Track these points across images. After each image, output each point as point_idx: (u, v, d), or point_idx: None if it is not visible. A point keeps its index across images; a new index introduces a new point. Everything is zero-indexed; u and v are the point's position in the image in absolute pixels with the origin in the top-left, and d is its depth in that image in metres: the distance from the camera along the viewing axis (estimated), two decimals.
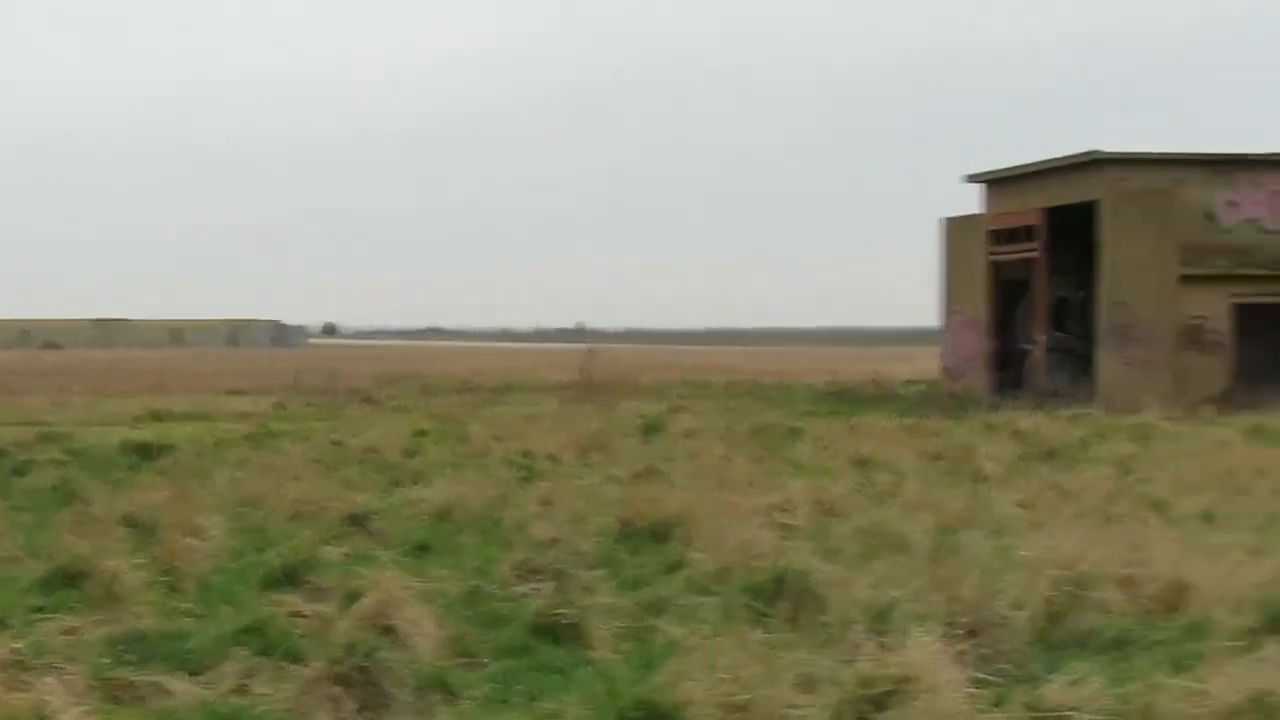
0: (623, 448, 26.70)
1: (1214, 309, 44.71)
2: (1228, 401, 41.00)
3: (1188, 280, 44.52)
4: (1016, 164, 50.94)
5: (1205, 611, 11.80)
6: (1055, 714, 9.08)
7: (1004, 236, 50.83)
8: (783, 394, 51.34)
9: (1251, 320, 44.65)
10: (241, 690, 9.84)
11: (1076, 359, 47.51)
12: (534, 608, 11.77)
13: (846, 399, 48.72)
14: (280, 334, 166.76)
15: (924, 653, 9.41)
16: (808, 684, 9.23)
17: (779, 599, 11.87)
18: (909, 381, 58.38)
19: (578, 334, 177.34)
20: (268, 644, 10.72)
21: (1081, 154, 46.53)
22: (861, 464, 23.81)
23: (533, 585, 12.94)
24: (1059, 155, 47.98)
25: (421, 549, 15.53)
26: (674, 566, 14.18)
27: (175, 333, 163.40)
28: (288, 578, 13.24)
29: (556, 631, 11.26)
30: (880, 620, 10.95)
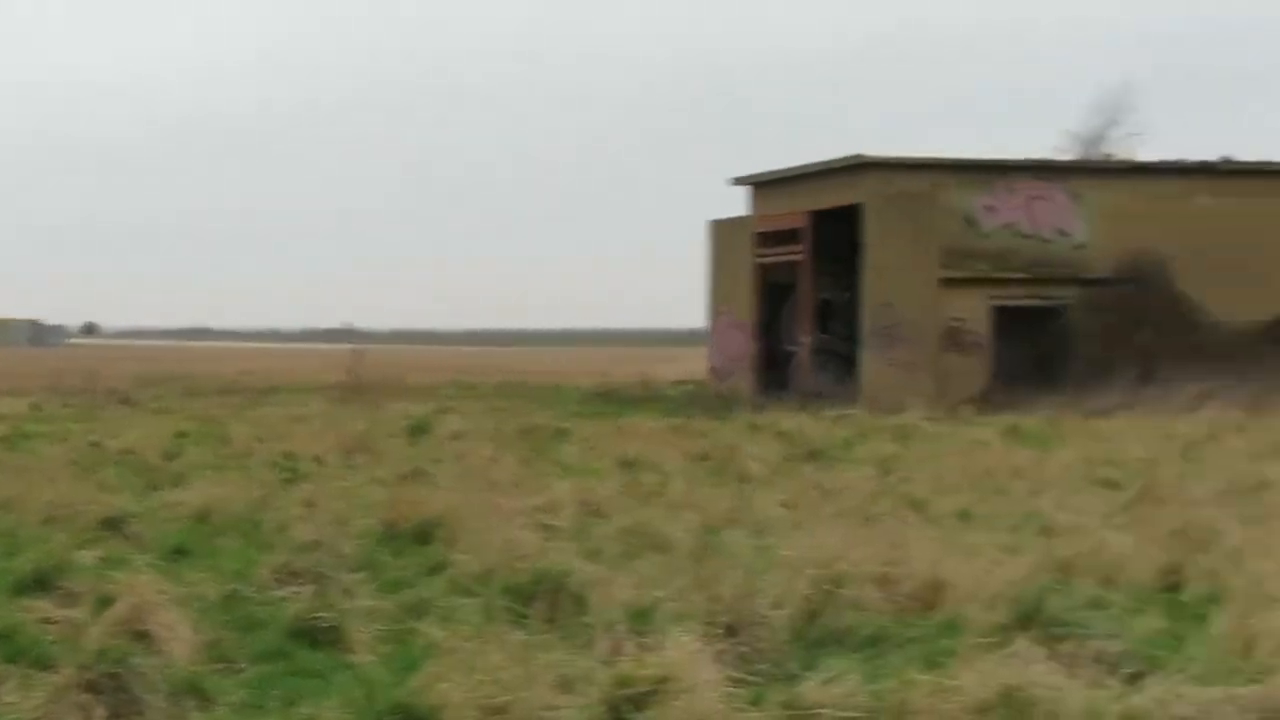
0: (388, 449, 26.50)
1: (973, 311, 45.64)
2: (986, 402, 41.83)
3: (948, 283, 45.39)
4: (783, 167, 51.45)
5: (960, 609, 11.99)
6: (810, 712, 9.18)
7: (770, 239, 51.30)
8: (551, 395, 51.33)
9: (1009, 322, 45.67)
10: None
11: (841, 360, 48.03)
12: (293, 611, 11.59)
13: (615, 400, 48.85)
14: (38, 334, 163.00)
15: (683, 652, 9.45)
16: (566, 685, 9.20)
17: (540, 600, 11.84)
18: (677, 382, 58.60)
19: (346, 335, 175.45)
20: (16, 651, 10.44)
21: (846, 158, 47.16)
22: (628, 465, 23.88)
23: (292, 588, 12.74)
24: (825, 159, 48.55)
25: (179, 552, 15.23)
26: (436, 568, 14.09)
27: None
28: (39, 583, 12.88)
29: (315, 635, 11.12)
30: (641, 620, 10.97)
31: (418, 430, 30.75)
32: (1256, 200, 47.29)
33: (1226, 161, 48.30)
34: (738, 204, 54.18)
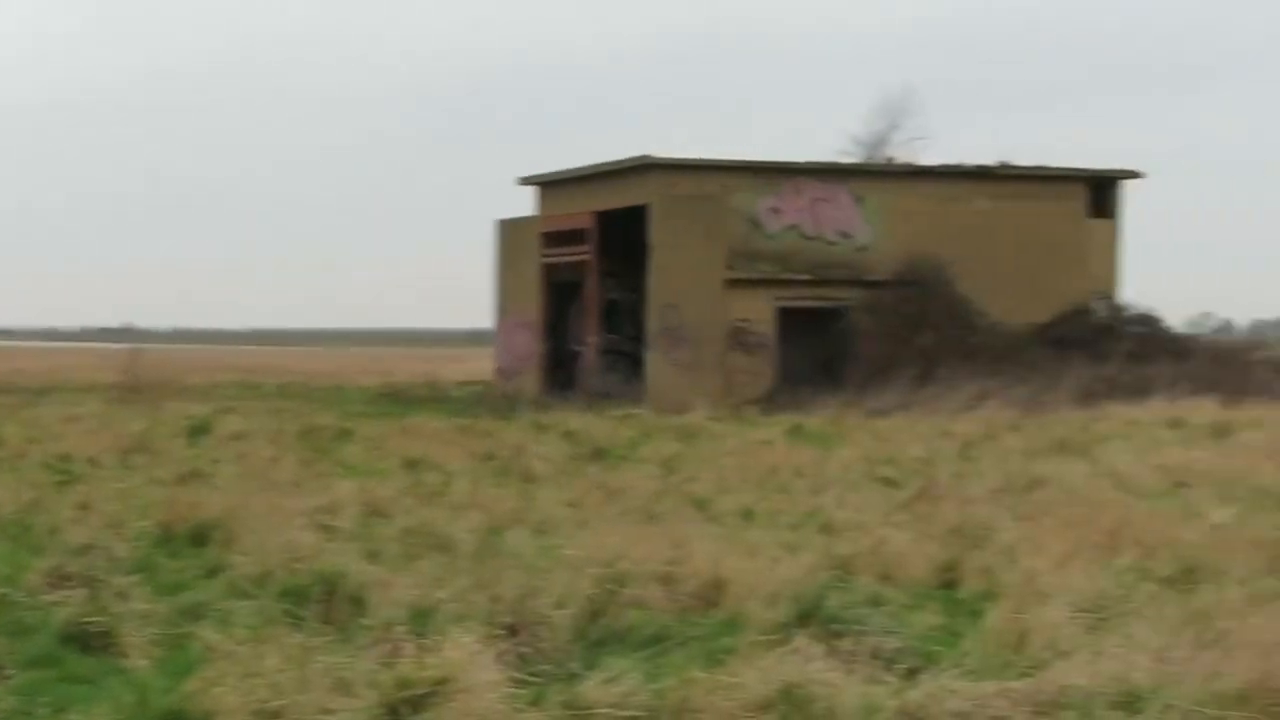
0: (167, 450, 26.03)
1: (758, 312, 45.95)
2: (771, 402, 42.14)
3: (733, 284, 45.65)
4: (570, 167, 51.37)
5: (741, 607, 12.05)
6: (590, 711, 9.16)
7: (557, 239, 51.19)
8: (335, 395, 50.81)
9: (793, 323, 46.04)
10: None
11: (627, 360, 48.07)
12: (64, 616, 11.32)
13: (400, 400, 48.49)
14: None
15: (463, 653, 9.38)
16: (344, 687, 9.07)
17: (319, 602, 11.68)
18: (463, 383, 58.34)
19: (125, 334, 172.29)
20: None
21: (632, 159, 47.16)
22: (412, 465, 23.72)
23: (64, 592, 12.45)
24: (612, 160, 48.53)
25: None
26: (214, 571, 13.85)
27: None
28: None
29: (87, 640, 10.88)
30: (421, 621, 10.86)
31: (197, 431, 30.24)
32: (1032, 203, 48.27)
33: (1004, 166, 49.22)
34: (527, 204, 54.05)
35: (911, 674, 9.91)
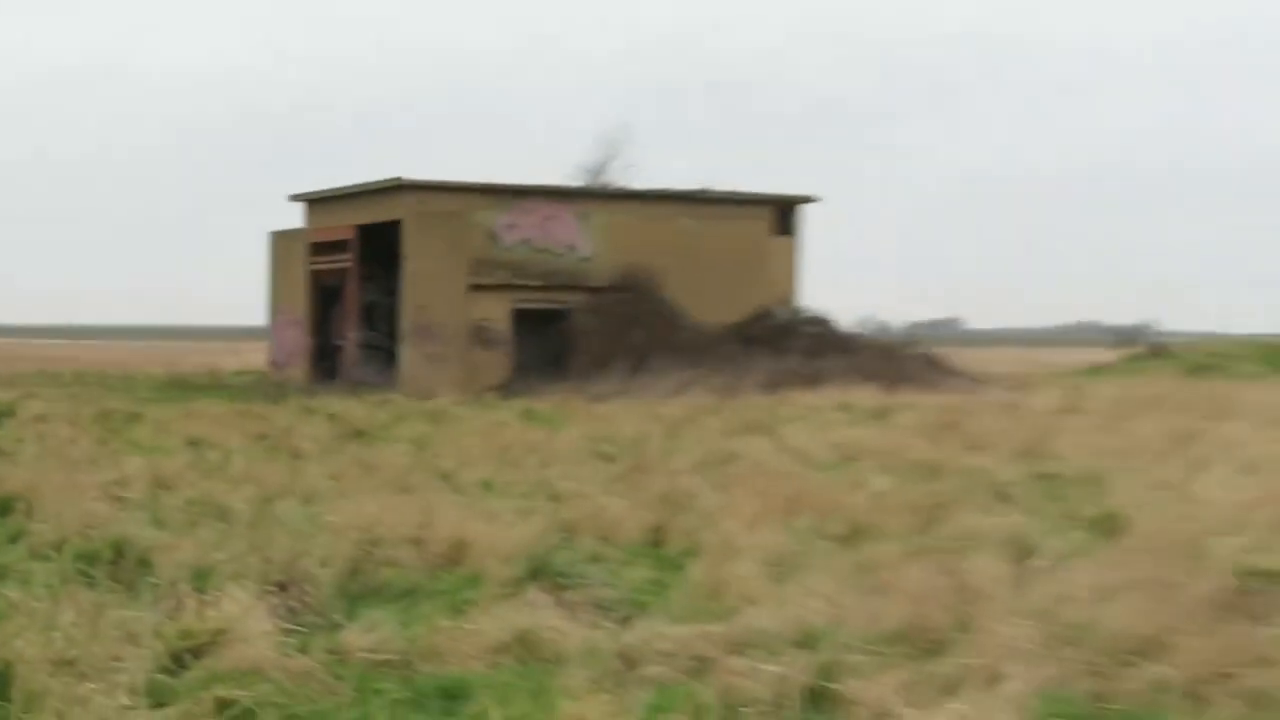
0: None
1: (497, 313, 45.89)
2: (507, 389, 42.06)
3: (476, 289, 45.54)
4: (335, 187, 50.74)
5: (481, 564, 11.96)
6: (350, 655, 9.04)
7: (323, 248, 50.56)
8: (126, 383, 49.37)
9: (527, 322, 46.09)
10: None
11: (384, 353, 47.63)
12: None
13: (184, 388, 47.33)
14: None
15: (239, 607, 9.22)
16: (133, 638, 8.81)
17: (110, 563, 11.33)
18: (239, 372, 57.22)
19: None
20: None
21: (388, 180, 46.75)
22: (194, 444, 23.18)
23: None
24: (371, 180, 48.09)
25: None
26: (16, 537, 13.35)
27: None
28: None
29: None
30: (202, 580, 10.55)
31: (2, 414, 29.18)
32: (727, 223, 48.92)
33: (704, 191, 49.78)
34: (297, 217, 53.17)
35: (626, 620, 9.95)
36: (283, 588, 10.50)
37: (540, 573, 11.34)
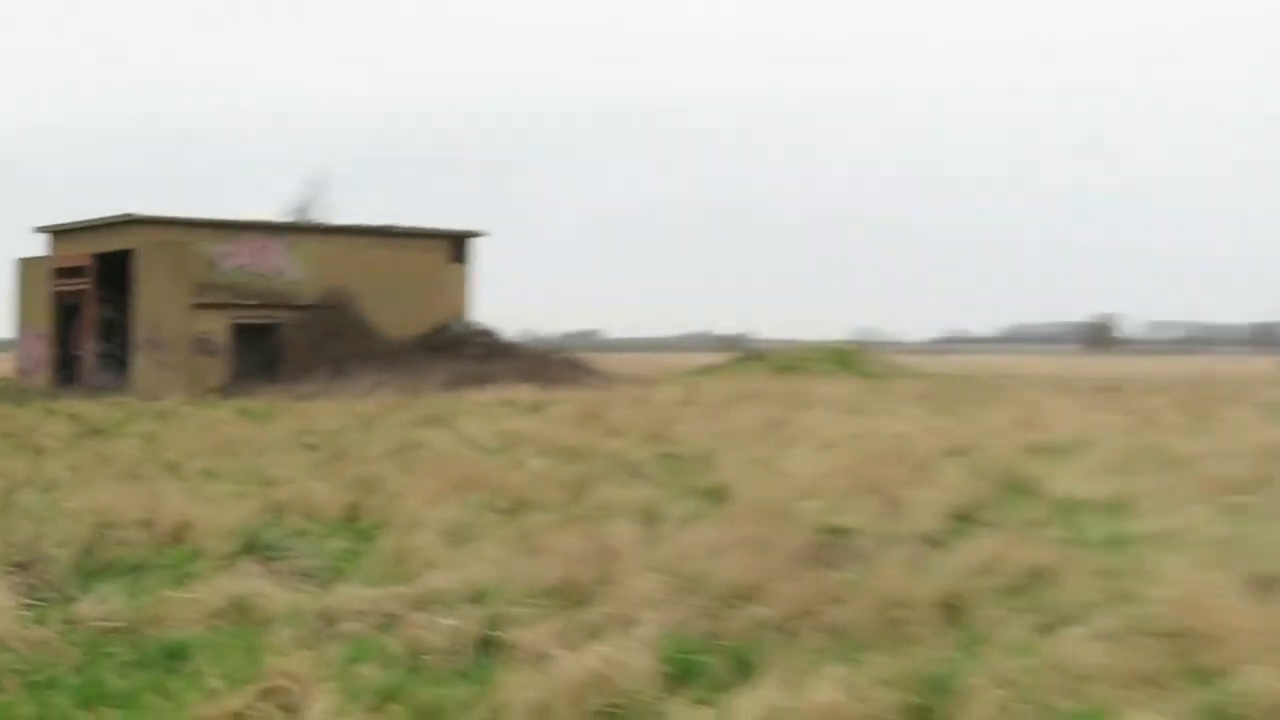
0: None
1: (217, 327, 44.36)
2: (226, 391, 40.67)
3: (198, 307, 43.97)
4: (76, 220, 48.42)
5: (202, 542, 11.43)
6: (84, 624, 8.48)
7: (65, 273, 48.12)
8: None
9: (243, 335, 44.73)
10: None
11: (119, 362, 45.73)
12: None
13: None
14: None
15: None
16: None
17: None
18: None
19: None
20: None
21: (122, 214, 45.00)
22: None
23: None
24: (107, 214, 46.12)
25: None
26: None
27: None
28: None
29: None
30: None
31: None
32: (411, 252, 48.44)
33: (392, 226, 49.23)
34: (41, 246, 50.35)
35: (327, 585, 9.64)
36: (23, 567, 9.82)
37: (253, 547, 10.92)
